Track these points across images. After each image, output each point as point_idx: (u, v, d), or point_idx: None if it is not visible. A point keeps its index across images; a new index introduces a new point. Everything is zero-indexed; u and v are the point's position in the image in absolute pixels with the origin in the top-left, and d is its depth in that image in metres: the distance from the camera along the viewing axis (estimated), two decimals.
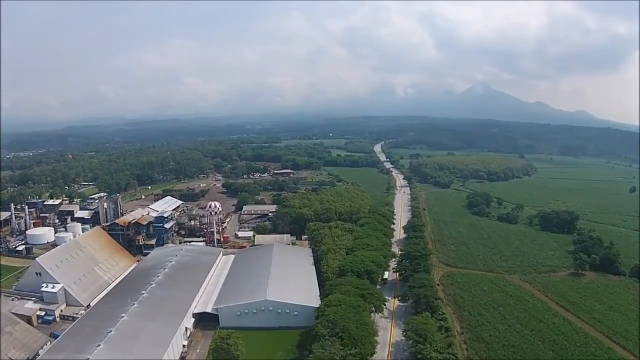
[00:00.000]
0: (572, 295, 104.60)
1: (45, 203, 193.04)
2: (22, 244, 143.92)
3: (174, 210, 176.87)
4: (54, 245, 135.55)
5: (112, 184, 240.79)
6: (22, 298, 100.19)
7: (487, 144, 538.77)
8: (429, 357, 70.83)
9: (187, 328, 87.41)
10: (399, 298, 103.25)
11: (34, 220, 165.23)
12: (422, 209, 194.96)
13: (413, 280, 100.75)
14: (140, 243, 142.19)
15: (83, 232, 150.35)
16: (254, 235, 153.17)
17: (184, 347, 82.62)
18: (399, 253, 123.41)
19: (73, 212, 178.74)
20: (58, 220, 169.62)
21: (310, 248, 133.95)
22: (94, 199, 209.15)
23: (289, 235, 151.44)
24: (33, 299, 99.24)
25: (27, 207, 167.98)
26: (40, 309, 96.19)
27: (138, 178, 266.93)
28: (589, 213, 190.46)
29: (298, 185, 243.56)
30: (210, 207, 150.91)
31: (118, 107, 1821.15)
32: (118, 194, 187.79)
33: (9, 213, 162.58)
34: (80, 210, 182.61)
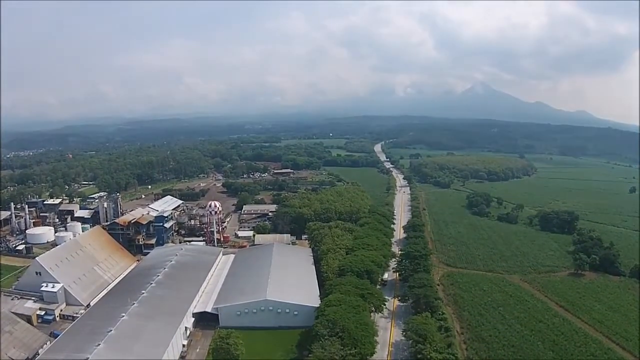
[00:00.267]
0: (572, 296, 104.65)
1: (45, 202, 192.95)
2: (22, 244, 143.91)
3: (174, 210, 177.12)
4: (54, 245, 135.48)
5: (112, 184, 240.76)
6: (22, 297, 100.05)
7: (487, 144, 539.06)
8: (429, 357, 70.85)
9: (187, 328, 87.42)
10: (399, 298, 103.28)
11: (34, 220, 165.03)
12: (422, 209, 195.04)
13: (413, 280, 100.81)
14: (140, 242, 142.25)
15: (83, 231, 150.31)
16: (254, 235, 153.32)
17: (184, 346, 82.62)
18: (399, 253, 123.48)
19: (73, 211, 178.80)
20: (58, 220, 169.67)
21: (310, 248, 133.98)
22: (94, 199, 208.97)
23: (289, 235, 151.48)
24: (33, 299, 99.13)
25: (27, 206, 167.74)
26: (40, 309, 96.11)
27: (138, 177, 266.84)
28: (589, 213, 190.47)
29: (298, 185, 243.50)
30: (210, 206, 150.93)
31: (118, 106, 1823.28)
32: (118, 194, 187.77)
33: (9, 212, 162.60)
34: (80, 210, 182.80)
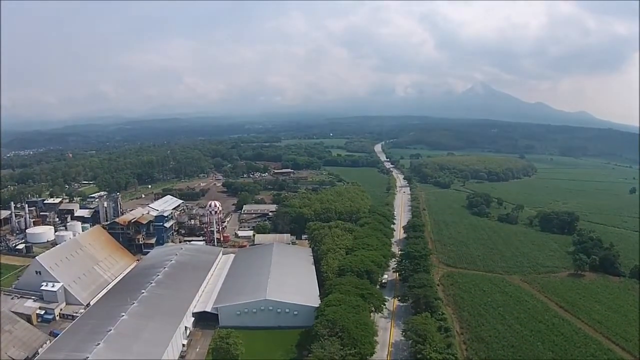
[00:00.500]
0: (571, 296, 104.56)
1: (46, 202, 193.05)
2: (22, 243, 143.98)
3: (174, 210, 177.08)
4: (54, 244, 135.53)
5: (112, 183, 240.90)
6: (21, 297, 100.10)
7: (487, 144, 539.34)
8: (429, 357, 70.82)
9: (186, 327, 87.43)
10: (399, 298, 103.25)
11: (34, 219, 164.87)
12: (422, 209, 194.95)
13: (413, 280, 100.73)
14: (140, 242, 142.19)
15: (83, 231, 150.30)
16: (254, 235, 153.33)
17: (184, 346, 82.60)
18: (399, 253, 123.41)
19: (73, 210, 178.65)
20: (58, 219, 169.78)
21: (310, 248, 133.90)
22: (94, 198, 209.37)
23: (289, 235, 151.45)
24: (33, 298, 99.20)
25: (27, 205, 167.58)
26: (40, 308, 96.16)
27: (138, 177, 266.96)
28: (589, 214, 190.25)
29: (298, 185, 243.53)
30: (210, 206, 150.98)
31: (118, 106, 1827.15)
32: (118, 193, 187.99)
33: (9, 212, 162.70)
34: (80, 209, 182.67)
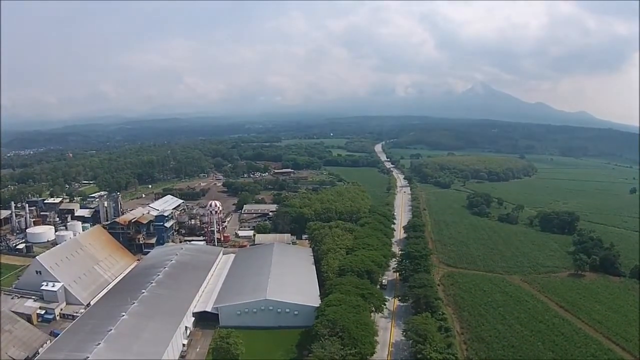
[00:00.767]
0: (572, 296, 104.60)
1: (46, 201, 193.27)
2: (22, 243, 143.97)
3: (175, 209, 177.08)
4: (54, 244, 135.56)
5: (112, 183, 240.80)
6: (22, 296, 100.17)
7: (487, 145, 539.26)
8: (429, 357, 70.88)
9: (187, 327, 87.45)
10: (399, 298, 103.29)
11: (35, 219, 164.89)
12: (422, 209, 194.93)
13: (413, 280, 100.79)
14: (141, 242, 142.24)
15: (83, 230, 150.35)
16: (254, 235, 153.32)
17: (184, 346, 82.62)
18: (399, 253, 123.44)
19: (73, 210, 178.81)
20: (58, 219, 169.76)
21: (311, 247, 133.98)
22: (95, 198, 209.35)
23: (289, 235, 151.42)
24: (33, 298, 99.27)
25: (27, 205, 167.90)
26: (40, 308, 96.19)
27: (138, 177, 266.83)
28: (589, 214, 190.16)
29: (298, 185, 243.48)
30: (211, 206, 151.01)
31: (118, 106, 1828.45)
32: (118, 193, 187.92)
33: (10, 211, 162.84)
34: (81, 209, 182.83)
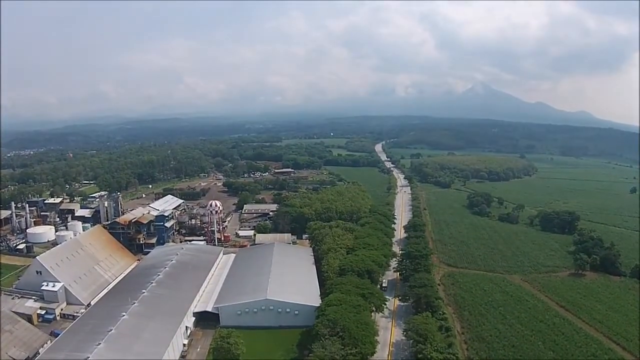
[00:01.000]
0: (572, 296, 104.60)
1: (46, 202, 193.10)
2: (22, 243, 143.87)
3: (175, 209, 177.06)
4: (55, 244, 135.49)
5: (112, 183, 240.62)
6: (22, 297, 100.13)
7: (488, 144, 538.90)
8: (430, 356, 70.84)
9: (187, 327, 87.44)
10: (400, 298, 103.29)
11: (35, 219, 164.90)
12: (422, 209, 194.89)
13: (414, 280, 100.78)
14: (141, 242, 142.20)
15: (84, 230, 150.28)
16: (255, 235, 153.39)
17: (185, 346, 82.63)
18: (400, 253, 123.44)
19: (74, 210, 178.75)
20: (59, 219, 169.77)
21: (311, 247, 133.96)
22: (95, 198, 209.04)
23: (290, 235, 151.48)
24: (33, 298, 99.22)
25: (27, 205, 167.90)
26: (41, 308, 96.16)
27: (139, 177, 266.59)
28: (590, 213, 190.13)
29: (299, 185, 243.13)
30: (211, 206, 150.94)
31: (119, 106, 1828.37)
32: (119, 193, 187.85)
33: (10, 211, 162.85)
34: (81, 209, 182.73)
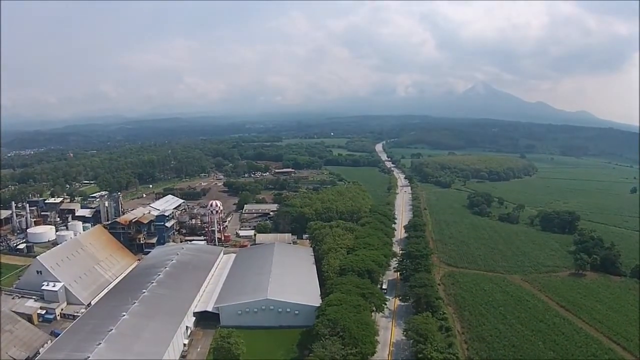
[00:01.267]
0: (572, 296, 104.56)
1: (47, 201, 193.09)
2: (23, 243, 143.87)
3: (175, 209, 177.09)
4: (55, 244, 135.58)
5: (113, 183, 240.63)
6: (22, 296, 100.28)
7: (488, 144, 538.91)
8: (430, 356, 70.85)
9: (187, 327, 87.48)
10: (400, 297, 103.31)
11: (35, 219, 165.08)
12: (423, 209, 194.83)
13: (414, 280, 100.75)
14: (141, 242, 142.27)
15: (84, 230, 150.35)
16: (255, 234, 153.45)
17: (185, 345, 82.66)
18: (400, 252, 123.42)
19: (74, 210, 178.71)
20: (59, 219, 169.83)
21: (311, 247, 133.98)
22: (95, 198, 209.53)
23: (290, 235, 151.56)
24: (34, 298, 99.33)
25: (28, 205, 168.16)
26: (41, 308, 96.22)
27: (139, 177, 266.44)
28: (590, 213, 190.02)
29: (299, 185, 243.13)
30: (212, 206, 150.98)
31: (119, 105, 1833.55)
32: (119, 193, 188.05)
33: (10, 211, 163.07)
34: (81, 209, 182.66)
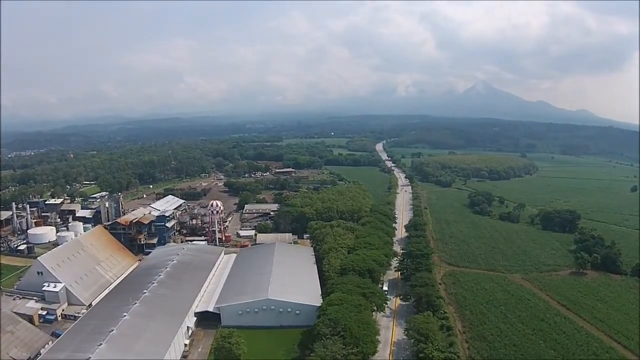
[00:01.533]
0: (573, 294, 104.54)
1: (47, 202, 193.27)
2: (23, 243, 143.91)
3: (176, 209, 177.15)
4: (56, 245, 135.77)
5: (113, 183, 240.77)
6: (23, 297, 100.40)
7: (488, 143, 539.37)
8: (431, 356, 70.89)
9: (188, 327, 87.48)
10: (401, 297, 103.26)
11: (36, 220, 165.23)
12: (423, 208, 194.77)
13: (415, 279, 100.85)
14: (142, 242, 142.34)
15: (84, 231, 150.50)
16: (256, 234, 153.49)
17: (186, 346, 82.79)
18: (401, 252, 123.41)
19: (74, 211, 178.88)
20: (59, 220, 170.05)
21: (312, 247, 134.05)
22: (96, 198, 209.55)
23: (291, 234, 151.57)
24: (35, 298, 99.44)
25: (28, 206, 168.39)
26: (42, 308, 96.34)
27: (139, 177, 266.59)
28: (591, 212, 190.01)
29: (300, 184, 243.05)
30: (212, 206, 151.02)
31: (119, 106, 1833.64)
32: (119, 193, 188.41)
33: (11, 212, 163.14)
34: (82, 210, 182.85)
